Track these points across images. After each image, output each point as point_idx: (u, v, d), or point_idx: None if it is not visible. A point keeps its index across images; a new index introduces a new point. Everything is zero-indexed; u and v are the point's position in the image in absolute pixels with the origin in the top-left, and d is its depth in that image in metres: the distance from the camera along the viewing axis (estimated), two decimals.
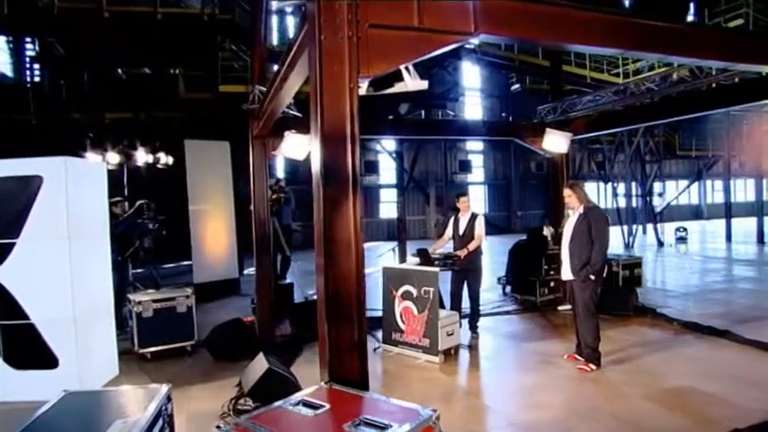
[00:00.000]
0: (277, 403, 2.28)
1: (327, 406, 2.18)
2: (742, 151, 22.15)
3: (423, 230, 24.22)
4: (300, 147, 6.37)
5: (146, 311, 5.87)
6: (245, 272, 11.96)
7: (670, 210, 21.47)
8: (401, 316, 6.02)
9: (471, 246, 6.39)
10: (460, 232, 6.60)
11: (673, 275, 11.49)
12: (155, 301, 5.95)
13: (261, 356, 4.78)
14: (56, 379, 4.74)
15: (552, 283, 8.28)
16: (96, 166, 5.35)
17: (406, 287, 5.97)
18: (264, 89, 5.91)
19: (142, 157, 8.42)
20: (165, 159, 9.04)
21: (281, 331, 6.96)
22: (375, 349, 6.19)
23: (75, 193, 4.87)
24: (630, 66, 16.09)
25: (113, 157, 7.68)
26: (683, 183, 25.58)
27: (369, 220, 23.24)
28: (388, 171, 23.45)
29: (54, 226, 4.72)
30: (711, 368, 5.26)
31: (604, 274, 5.35)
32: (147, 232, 7.44)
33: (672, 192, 24.55)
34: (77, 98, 11.99)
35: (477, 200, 25.93)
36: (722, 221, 23.75)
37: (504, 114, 25.03)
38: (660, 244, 16.69)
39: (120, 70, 13.16)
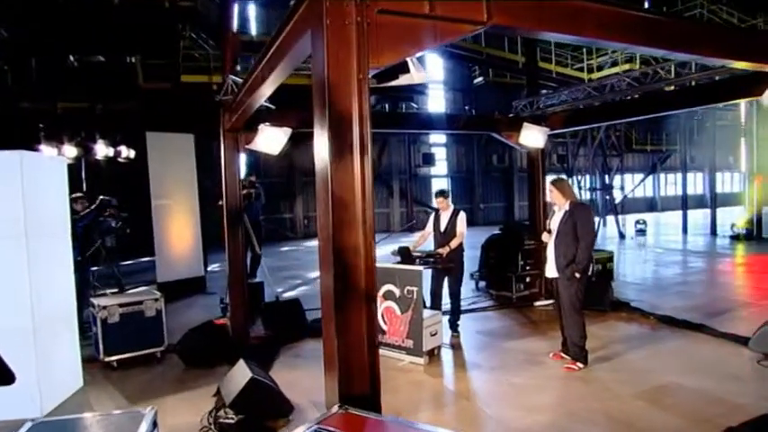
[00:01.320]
0: None
1: None
2: (693, 146, 23.03)
3: (386, 224, 24.08)
4: (276, 140, 6.08)
5: (111, 317, 5.47)
6: (209, 268, 11.53)
7: (627, 202, 22.08)
8: (383, 316, 5.83)
9: (453, 243, 6.26)
10: (442, 229, 6.45)
11: (638, 268, 11.74)
12: (121, 305, 5.55)
13: (242, 364, 4.50)
14: (12, 396, 4.29)
15: (528, 279, 8.27)
16: (56, 160, 4.90)
17: (388, 287, 5.78)
18: (238, 80, 5.57)
19: (102, 150, 7.84)
20: (126, 153, 8.48)
21: (255, 333, 6.67)
22: None
23: (32, 190, 4.45)
24: (594, 61, 16.36)
25: (70, 151, 7.12)
26: (639, 176, 26.35)
27: None
28: None
29: (9, 226, 4.30)
30: (694, 363, 5.31)
31: (590, 272, 5.32)
32: (109, 230, 6.95)
33: (628, 185, 25.23)
34: (25, 86, 11.18)
35: None
36: (675, 213, 24.74)
37: (467, 108, 25.11)
38: (621, 236, 17.11)
39: (71, 57, 12.35)
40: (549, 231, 5.37)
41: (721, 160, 28.33)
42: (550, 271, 5.36)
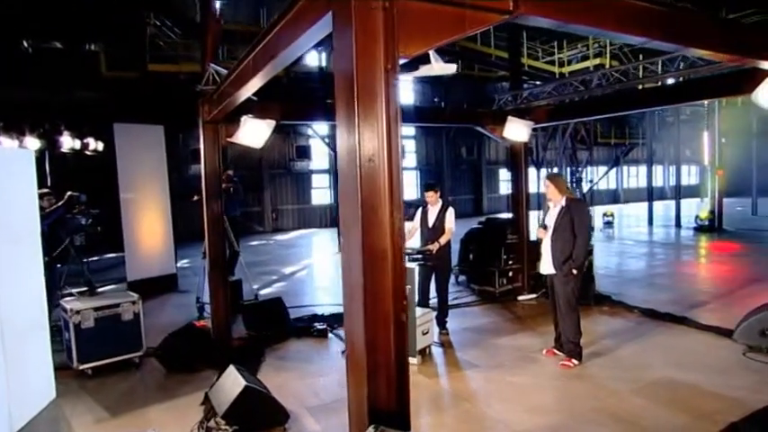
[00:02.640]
0: None
1: None
2: (655, 140, 23.62)
3: None
4: (259, 133, 5.79)
5: (85, 321, 5.10)
6: (178, 265, 11.10)
7: (591, 194, 22.48)
8: None
9: (443, 239, 6.14)
10: (430, 224, 6.31)
11: (610, 260, 11.90)
12: (96, 309, 5.18)
13: (232, 370, 4.26)
14: None
15: (511, 273, 8.24)
16: (22, 153, 4.50)
17: None
18: (221, 69, 5.27)
19: (68, 142, 7.29)
20: (94, 145, 7.95)
21: (237, 334, 6.40)
22: (343, 352, 5.82)
23: None
24: (564, 55, 16.53)
25: (33, 143, 6.59)
26: (603, 168, 26.91)
27: (302, 207, 22.60)
28: (319, 156, 22.86)
29: None
30: (683, 357, 5.35)
31: (584, 269, 5.29)
32: (78, 228, 6.51)
33: (594, 178, 25.71)
34: None
35: (410, 185, 25.95)
36: (637, 205, 25.45)
37: (436, 100, 25.04)
38: (590, 228, 17.35)
39: (25, 43, 11.59)
40: (545, 227, 5.31)
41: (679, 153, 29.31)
42: (546, 267, 5.31)
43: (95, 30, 11.74)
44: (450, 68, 2.70)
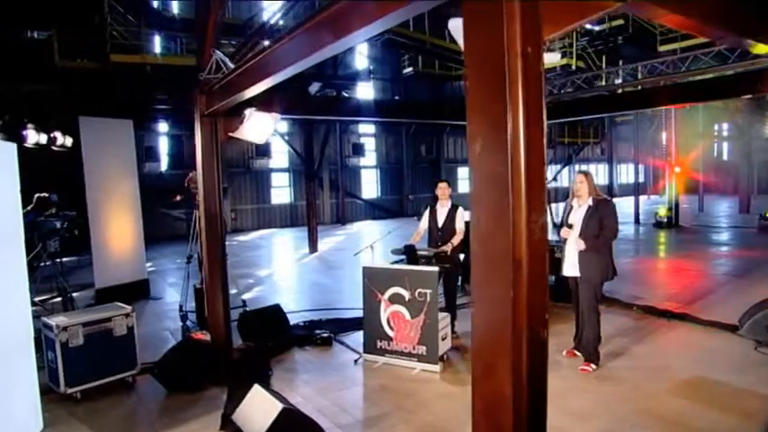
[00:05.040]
0: None
1: None
2: (605, 140, 24.47)
3: (316, 216, 23.33)
4: (264, 127, 5.39)
5: (74, 339, 4.52)
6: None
7: (549, 192, 23.00)
8: (389, 322, 5.37)
9: (455, 240, 5.94)
10: (439, 224, 6.10)
11: None
12: (85, 324, 4.61)
13: (260, 390, 3.86)
14: None
15: None
16: (4, 147, 3.89)
17: (396, 289, 5.32)
18: (226, 58, 4.81)
19: (33, 137, 6.50)
20: (62, 140, 7.17)
21: (236, 345, 5.92)
22: (356, 361, 5.49)
23: None
24: None
25: None
26: (556, 167, 27.59)
27: (261, 206, 21.89)
28: (279, 154, 22.24)
29: None
30: (702, 355, 5.36)
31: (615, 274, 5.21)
32: (52, 232, 5.81)
33: (550, 176, 26.30)
34: None
35: (369, 183, 25.70)
36: None
37: (396, 98, 24.86)
38: (555, 225, 17.70)
39: None
40: (570, 226, 5.17)
41: (625, 153, 30.56)
42: (569, 269, 5.16)
43: (43, 15, 10.73)
44: (555, 57, 2.48)
